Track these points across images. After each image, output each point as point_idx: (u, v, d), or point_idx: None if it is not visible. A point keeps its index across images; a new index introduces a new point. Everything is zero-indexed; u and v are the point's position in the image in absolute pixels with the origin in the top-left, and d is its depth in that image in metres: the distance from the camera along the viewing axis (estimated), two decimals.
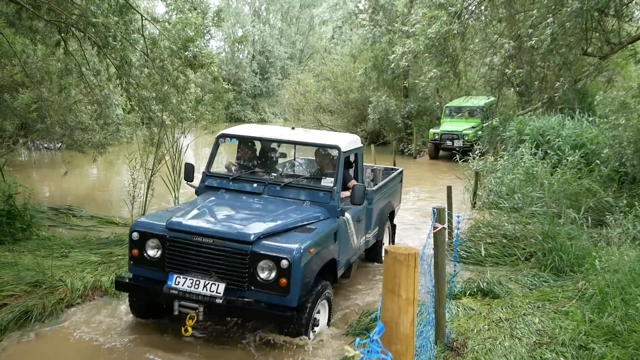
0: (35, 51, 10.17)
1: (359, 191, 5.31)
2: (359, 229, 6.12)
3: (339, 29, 30.86)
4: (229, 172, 6.22)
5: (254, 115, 43.86)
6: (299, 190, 5.61)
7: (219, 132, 6.46)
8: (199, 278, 4.53)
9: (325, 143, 6.00)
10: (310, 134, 6.44)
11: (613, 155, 9.24)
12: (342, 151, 5.65)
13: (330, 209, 5.41)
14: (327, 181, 5.64)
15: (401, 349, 1.94)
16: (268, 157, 6.43)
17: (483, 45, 12.37)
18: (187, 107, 10.08)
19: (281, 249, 4.47)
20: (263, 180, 5.77)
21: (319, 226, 5.07)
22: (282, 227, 4.83)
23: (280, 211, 5.19)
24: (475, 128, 18.50)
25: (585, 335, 4.45)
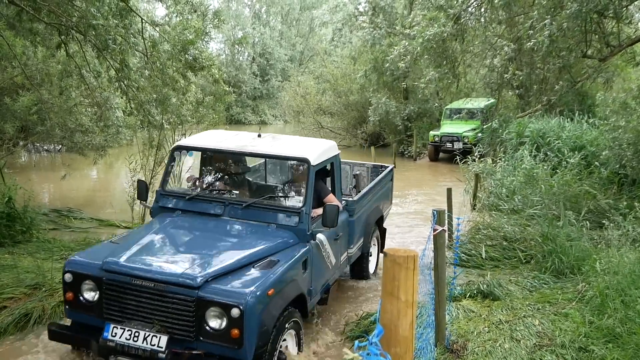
0: (35, 53, 10.19)
1: (331, 213, 4.56)
2: (338, 248, 5.44)
3: (339, 31, 30.93)
4: (191, 187, 5.46)
5: (254, 117, 43.90)
6: (264, 211, 4.82)
7: None
8: (140, 328, 3.85)
9: (291, 155, 5.15)
10: (278, 142, 5.41)
11: (613, 157, 9.24)
12: (311, 165, 4.83)
13: (299, 233, 4.65)
14: (295, 200, 4.91)
15: (400, 351, 1.94)
16: (231, 171, 5.65)
17: (483, 47, 12.39)
18: (187, 110, 10.09)
19: (231, 293, 3.76)
20: (223, 199, 4.97)
21: (284, 257, 4.31)
22: (238, 263, 4.11)
23: (239, 240, 4.52)
24: (475, 130, 18.48)
25: (585, 337, 4.45)
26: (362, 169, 7.71)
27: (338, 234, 5.32)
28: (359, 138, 25.69)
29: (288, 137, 5.75)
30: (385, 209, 7.40)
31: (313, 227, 4.77)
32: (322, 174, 5.46)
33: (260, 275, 3.99)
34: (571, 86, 11.02)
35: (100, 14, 7.27)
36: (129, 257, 4.10)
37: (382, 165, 7.72)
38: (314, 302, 4.98)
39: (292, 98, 29.12)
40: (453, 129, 19.09)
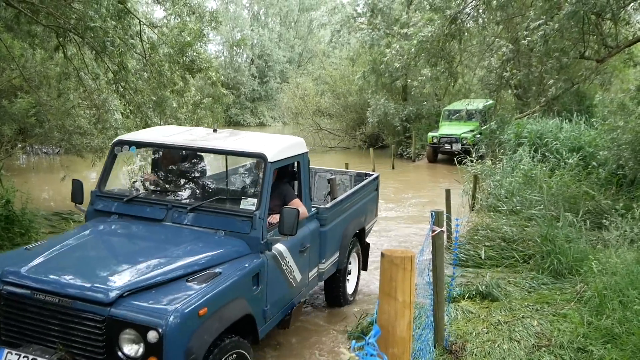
0: (33, 56, 10.19)
1: (289, 217, 3.89)
2: (305, 262, 4.75)
3: (337, 33, 30.89)
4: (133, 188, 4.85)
5: (253, 119, 43.93)
6: (212, 215, 4.14)
7: None
8: (39, 355, 3.14)
9: (245, 150, 4.45)
10: (234, 137, 4.78)
11: (611, 157, 9.25)
12: (268, 161, 4.17)
13: (251, 241, 3.96)
14: (248, 203, 4.15)
15: (398, 352, 1.94)
16: (178, 169, 4.98)
17: (481, 47, 12.41)
18: (185, 112, 10.09)
19: (150, 312, 3.05)
20: (166, 202, 4.32)
21: (229, 270, 3.65)
22: (169, 275, 3.41)
23: (176, 249, 3.78)
24: (474, 131, 18.49)
25: (583, 337, 4.45)
26: (345, 177, 7.05)
27: (305, 245, 4.67)
28: (357, 139, 25.70)
29: (249, 133, 5.19)
30: (369, 221, 6.62)
31: (270, 236, 4.09)
32: (288, 176, 4.96)
33: (192, 291, 3.29)
34: (569, 87, 11.04)
35: (98, 16, 7.27)
36: (33, 266, 3.38)
37: (366, 173, 7.01)
38: (270, 325, 4.24)
39: (290, 100, 29.15)
40: (451, 130, 19.09)
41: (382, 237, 9.38)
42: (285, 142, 4.72)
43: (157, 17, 12.40)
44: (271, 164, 4.22)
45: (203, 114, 11.70)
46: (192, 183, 4.93)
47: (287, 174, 4.94)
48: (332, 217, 5.23)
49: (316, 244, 4.98)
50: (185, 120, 10.77)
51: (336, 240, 5.42)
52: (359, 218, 6.04)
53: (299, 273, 4.64)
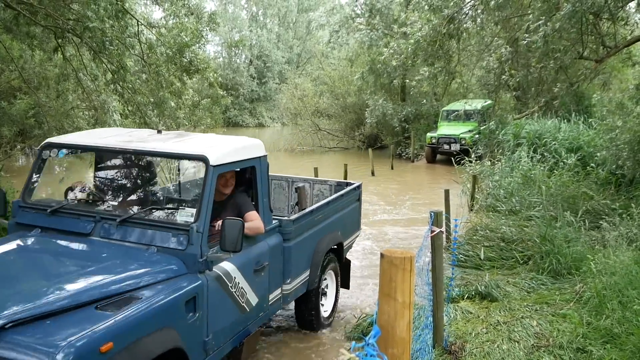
0: (32, 57, 10.19)
1: (231, 230, 3.37)
2: (263, 282, 4.14)
3: (335, 33, 30.96)
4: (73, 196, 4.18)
5: (251, 119, 43.97)
6: (144, 229, 3.58)
7: None
8: None
9: (184, 153, 3.91)
10: (177, 139, 4.18)
11: (610, 157, 9.27)
12: (210, 165, 3.60)
13: (188, 259, 3.39)
14: (185, 214, 3.63)
15: (397, 352, 1.94)
16: (112, 175, 4.45)
17: (479, 47, 12.43)
18: (183, 113, 10.10)
19: (34, 349, 2.46)
20: (94, 214, 3.74)
21: (154, 293, 3.09)
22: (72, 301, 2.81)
23: (92, 270, 3.23)
24: (472, 132, 18.51)
25: (583, 337, 4.45)
26: (324, 186, 6.34)
27: (262, 263, 4.08)
28: (356, 140, 25.72)
29: (200, 135, 4.66)
30: (350, 235, 5.95)
31: (213, 252, 3.53)
32: (245, 183, 4.33)
33: (97, 320, 2.71)
34: (568, 87, 11.05)
35: (96, 16, 7.28)
36: None
37: (348, 183, 6.29)
38: (215, 359, 3.63)
39: (289, 100, 29.17)
40: (450, 130, 19.10)
41: (380, 238, 9.38)
42: (236, 144, 4.16)
43: (156, 18, 12.41)
44: (214, 168, 3.62)
45: (202, 114, 11.72)
46: (126, 191, 4.32)
47: (244, 182, 4.33)
48: (298, 230, 4.62)
49: (278, 261, 4.37)
50: (185, 120, 10.79)
51: (305, 256, 4.80)
52: (335, 232, 5.39)
53: (254, 296, 4.00)
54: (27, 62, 10.20)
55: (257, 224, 4.03)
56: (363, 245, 8.83)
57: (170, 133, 4.54)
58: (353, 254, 8.31)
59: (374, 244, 8.90)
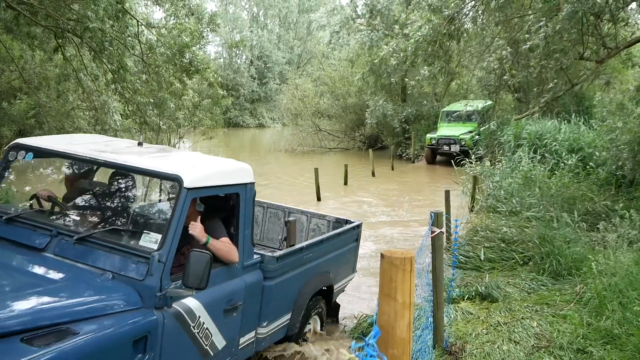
0: (33, 57, 10.21)
1: (197, 264, 2.94)
2: (233, 324, 3.64)
3: (336, 34, 30.98)
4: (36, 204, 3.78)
5: (252, 120, 44.01)
6: (102, 251, 3.18)
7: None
8: None
9: (158, 171, 3.43)
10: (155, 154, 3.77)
11: (610, 158, 9.26)
12: (184, 187, 3.20)
13: (145, 291, 2.96)
14: (149, 240, 3.16)
15: (397, 352, 1.94)
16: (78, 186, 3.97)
17: (479, 48, 12.43)
18: (183, 114, 10.11)
19: None
20: (52, 227, 3.38)
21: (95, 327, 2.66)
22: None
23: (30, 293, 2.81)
24: (472, 132, 18.49)
25: (583, 338, 4.45)
26: (322, 221, 5.74)
27: (234, 302, 3.58)
28: (357, 140, 25.74)
29: (184, 152, 4.22)
30: (342, 278, 5.32)
31: (176, 287, 3.07)
32: (225, 211, 3.84)
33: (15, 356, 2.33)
34: (568, 88, 11.05)
35: (96, 16, 7.28)
36: None
37: (348, 221, 5.59)
38: None
39: (290, 101, 29.20)
40: (450, 131, 19.07)
41: (380, 239, 9.38)
42: (220, 167, 3.74)
43: (156, 18, 12.42)
44: (188, 191, 3.20)
45: (202, 115, 11.73)
46: (91, 206, 3.88)
47: (222, 209, 3.84)
48: (282, 268, 4.09)
49: (255, 301, 3.85)
50: (185, 121, 10.81)
51: (288, 298, 4.27)
52: (325, 273, 4.84)
53: (220, 338, 3.50)
54: (28, 62, 10.21)
55: (232, 248, 3.55)
56: (363, 245, 8.83)
57: (153, 147, 4.14)
58: None
59: (374, 245, 8.90)
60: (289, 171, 19.12)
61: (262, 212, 5.97)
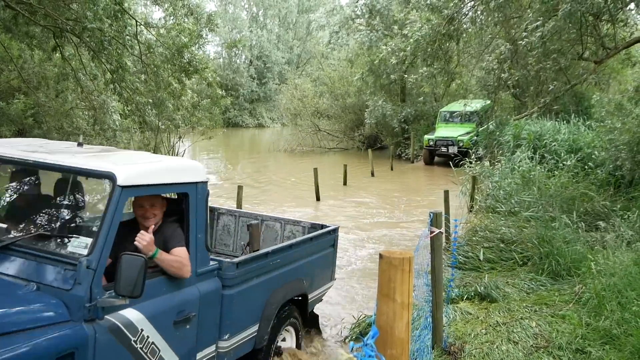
0: (32, 57, 10.20)
1: (129, 269, 2.66)
2: (186, 337, 3.32)
3: (335, 34, 31.02)
4: None
5: (251, 120, 44.01)
6: (26, 259, 2.91)
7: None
8: None
9: (90, 169, 3.10)
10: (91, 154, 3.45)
11: (609, 158, 9.27)
12: (118, 185, 2.91)
13: (73, 302, 2.66)
14: (78, 245, 2.91)
15: (396, 353, 1.94)
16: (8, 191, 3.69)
17: (478, 48, 12.45)
18: (182, 114, 10.11)
19: None
20: None
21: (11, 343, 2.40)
22: None
23: None
24: (470, 134, 18.42)
25: (582, 338, 4.45)
26: (296, 227, 5.42)
27: (187, 313, 3.26)
28: (356, 141, 25.76)
29: (125, 152, 3.97)
30: (318, 286, 4.95)
31: (110, 296, 2.75)
32: (179, 213, 3.49)
33: None
34: (567, 88, 11.06)
35: (94, 16, 7.28)
36: None
37: (323, 225, 5.27)
38: None
39: (289, 101, 29.22)
40: (448, 132, 19.00)
41: (379, 240, 9.38)
42: (163, 164, 3.46)
43: (156, 18, 12.42)
44: (122, 189, 2.91)
45: (202, 115, 11.73)
46: (20, 211, 3.55)
47: (176, 210, 3.55)
48: (244, 276, 3.76)
49: (213, 312, 3.53)
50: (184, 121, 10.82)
51: (253, 308, 3.93)
52: (298, 281, 4.49)
53: (171, 354, 3.19)
54: (27, 62, 10.20)
55: (183, 263, 3.21)
56: (362, 246, 8.84)
57: (94, 147, 3.87)
58: (352, 254, 8.32)
59: (373, 245, 8.91)
60: (288, 171, 19.12)
61: (234, 221, 5.59)
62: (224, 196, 13.58)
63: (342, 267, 7.67)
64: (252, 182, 15.65)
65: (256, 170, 18.93)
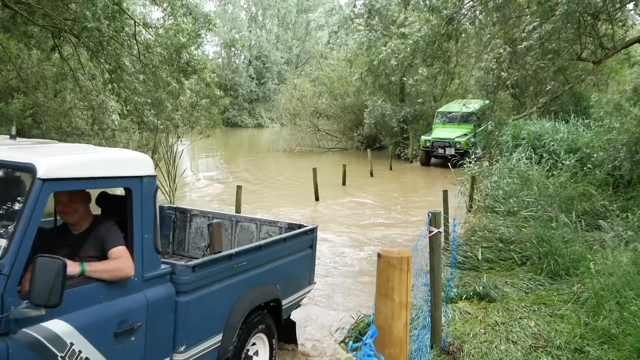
0: (30, 56, 10.20)
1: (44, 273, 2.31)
2: (130, 351, 2.96)
3: (334, 34, 31.04)
4: None
5: (250, 120, 44.00)
6: None
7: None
8: None
9: (9, 161, 2.75)
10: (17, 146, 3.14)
11: (607, 158, 9.28)
12: (38, 178, 2.55)
13: None
14: None
15: (395, 352, 1.94)
16: None
17: (477, 48, 12.46)
18: (180, 114, 10.10)
19: None
20: None
21: None
22: None
23: None
24: (468, 135, 18.21)
25: (580, 338, 4.45)
26: (273, 228, 5.07)
27: (131, 323, 2.92)
28: (355, 140, 25.76)
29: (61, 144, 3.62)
30: (293, 291, 4.56)
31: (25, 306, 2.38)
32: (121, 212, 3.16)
33: None
34: (566, 89, 11.07)
35: (92, 16, 7.27)
36: None
37: (301, 225, 4.90)
38: None
39: (288, 101, 29.22)
40: (445, 133, 18.78)
41: (378, 240, 9.38)
42: (98, 156, 3.07)
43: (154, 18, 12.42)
44: (44, 183, 2.55)
45: (199, 115, 11.72)
46: None
47: (115, 208, 3.26)
48: (203, 280, 3.41)
49: (164, 321, 3.17)
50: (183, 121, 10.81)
51: (216, 316, 3.57)
52: (269, 285, 4.11)
53: None
54: (25, 61, 10.19)
55: (119, 264, 2.90)
56: (360, 246, 8.84)
57: (27, 140, 3.58)
58: (351, 254, 8.32)
59: (372, 245, 8.90)
60: (287, 171, 19.11)
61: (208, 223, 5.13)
62: (222, 196, 13.58)
63: (340, 267, 7.67)
64: (251, 182, 15.65)
65: (255, 170, 18.93)
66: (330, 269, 7.50)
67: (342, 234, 9.57)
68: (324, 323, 5.65)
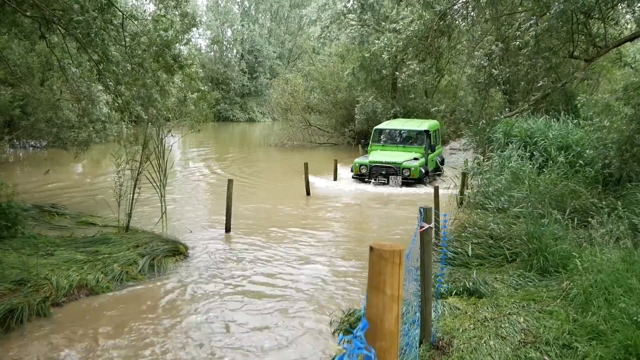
0: (18, 46, 10.09)
1: None
2: None
3: (326, 29, 30.93)
4: None
5: (242, 114, 43.82)
6: None
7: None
8: None
9: None
10: None
11: (597, 156, 9.33)
12: None
13: None
14: None
15: (385, 345, 1.93)
16: None
17: (469, 45, 12.47)
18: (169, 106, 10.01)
19: None
20: None
21: None
22: None
23: None
24: (419, 160, 14.14)
25: (569, 334, 4.48)
26: None
27: None
28: (346, 136, 25.74)
29: None
30: None
31: None
32: None
33: None
34: (557, 87, 11.11)
35: (82, 8, 7.19)
36: None
37: None
38: None
39: (280, 95, 29.11)
40: (387, 157, 14.40)
41: (368, 234, 9.38)
42: None
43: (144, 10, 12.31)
44: None
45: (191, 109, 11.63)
46: None
47: None
48: None
49: None
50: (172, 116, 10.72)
51: None
52: None
53: None
54: (10, 53, 10.08)
55: None
56: (351, 240, 8.84)
57: None
58: (342, 249, 8.32)
59: (363, 239, 8.91)
60: (278, 166, 19.07)
61: None
62: (214, 190, 13.53)
63: (331, 261, 7.66)
64: (242, 176, 15.61)
65: (246, 164, 18.87)
66: (319, 264, 7.50)
67: (332, 229, 9.57)
68: (314, 316, 5.65)
